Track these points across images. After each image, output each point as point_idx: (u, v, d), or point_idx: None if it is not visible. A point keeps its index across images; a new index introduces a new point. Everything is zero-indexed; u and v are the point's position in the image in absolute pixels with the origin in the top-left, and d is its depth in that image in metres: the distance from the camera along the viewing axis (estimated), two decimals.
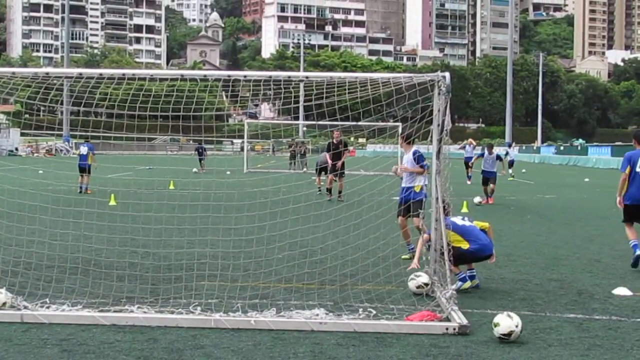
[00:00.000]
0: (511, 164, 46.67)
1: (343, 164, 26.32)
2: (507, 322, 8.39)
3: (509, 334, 8.34)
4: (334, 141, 26.59)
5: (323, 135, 66.14)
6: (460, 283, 11.02)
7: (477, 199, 25.98)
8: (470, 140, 42.05)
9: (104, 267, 12.14)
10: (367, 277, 11.37)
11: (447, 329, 8.72)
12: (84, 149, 29.80)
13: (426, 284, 10.72)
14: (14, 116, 72.91)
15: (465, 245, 11.10)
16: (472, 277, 11.32)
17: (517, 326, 8.38)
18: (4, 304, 9.33)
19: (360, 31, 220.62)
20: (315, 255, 12.99)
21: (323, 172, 29.50)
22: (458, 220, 11.61)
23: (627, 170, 13.43)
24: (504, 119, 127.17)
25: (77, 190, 28.34)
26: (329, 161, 26.19)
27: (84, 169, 29.26)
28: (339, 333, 8.62)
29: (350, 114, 12.63)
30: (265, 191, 20.45)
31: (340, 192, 25.87)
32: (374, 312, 9.37)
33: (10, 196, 18.84)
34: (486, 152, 26.96)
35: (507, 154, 46.97)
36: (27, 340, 8.23)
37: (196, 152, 52.45)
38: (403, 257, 13.25)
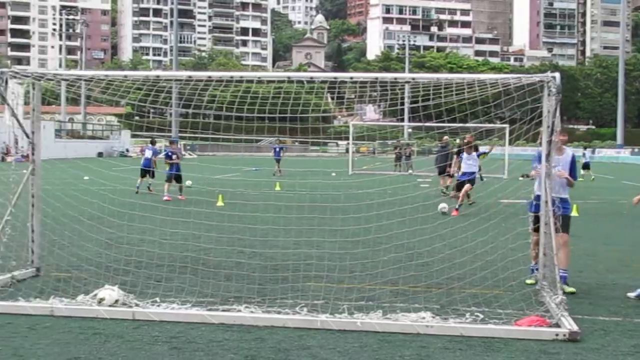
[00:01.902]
0: (586, 166, 46.50)
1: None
2: None
3: None
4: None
5: (430, 137, 65.65)
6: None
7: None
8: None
9: (212, 266, 12.36)
10: (475, 280, 11.25)
11: (556, 335, 8.52)
12: (148, 153, 29.64)
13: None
14: (125, 118, 74.93)
15: None
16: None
17: None
18: (117, 301, 9.59)
19: (466, 32, 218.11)
20: (421, 257, 12.91)
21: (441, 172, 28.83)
22: None
23: None
24: (615, 120, 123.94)
25: (135, 190, 27.94)
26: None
27: (146, 172, 28.78)
28: (446, 337, 8.53)
29: (457, 115, 12.49)
30: (370, 193, 20.41)
31: (468, 195, 25.25)
32: (481, 316, 9.25)
33: (121, 196, 19.42)
34: (465, 152, 24.29)
35: (583, 155, 47.67)
36: (138, 337, 8.43)
37: (273, 151, 47.92)
38: (527, 281, 11.50)
